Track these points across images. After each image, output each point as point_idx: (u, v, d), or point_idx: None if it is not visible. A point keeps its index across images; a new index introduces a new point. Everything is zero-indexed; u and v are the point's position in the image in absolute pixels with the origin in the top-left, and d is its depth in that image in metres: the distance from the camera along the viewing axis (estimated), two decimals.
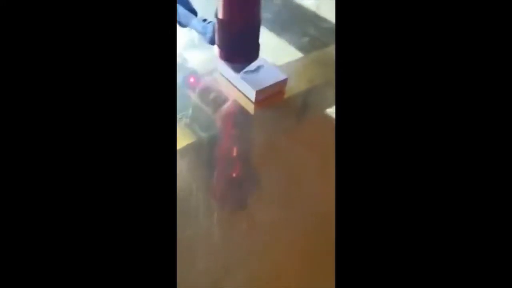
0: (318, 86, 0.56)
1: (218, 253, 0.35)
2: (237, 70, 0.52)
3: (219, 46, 0.51)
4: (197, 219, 0.37)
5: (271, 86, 0.51)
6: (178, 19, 0.54)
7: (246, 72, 0.52)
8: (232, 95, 0.52)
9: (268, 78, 0.51)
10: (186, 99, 0.52)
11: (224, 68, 0.54)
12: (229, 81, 0.54)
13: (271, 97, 0.52)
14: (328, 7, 0.76)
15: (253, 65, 0.52)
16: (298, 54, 0.64)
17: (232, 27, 0.48)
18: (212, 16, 0.51)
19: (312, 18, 0.76)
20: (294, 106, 0.53)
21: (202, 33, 0.53)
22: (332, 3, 0.74)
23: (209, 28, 0.52)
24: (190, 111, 0.50)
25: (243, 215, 0.39)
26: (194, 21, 0.53)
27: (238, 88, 0.52)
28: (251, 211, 0.39)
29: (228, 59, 0.52)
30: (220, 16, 0.47)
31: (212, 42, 0.52)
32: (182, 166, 0.43)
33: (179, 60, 0.59)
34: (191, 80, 0.54)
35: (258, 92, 0.50)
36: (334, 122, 0.46)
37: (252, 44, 0.51)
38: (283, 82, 0.52)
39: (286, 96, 0.53)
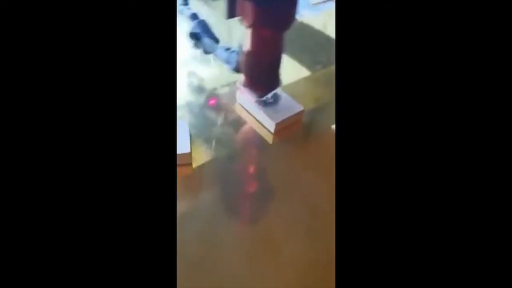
0: (324, 105, 0.59)
1: (225, 261, 0.38)
2: (255, 101, 0.54)
3: (244, 74, 0.52)
4: (211, 230, 0.40)
5: (289, 118, 0.53)
6: (203, 47, 0.55)
7: (264, 103, 0.54)
8: (251, 124, 0.54)
9: (286, 110, 0.54)
10: (207, 120, 0.54)
11: (243, 99, 0.55)
12: (248, 112, 0.55)
13: (288, 127, 0.54)
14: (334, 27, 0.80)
15: (269, 96, 0.54)
16: (305, 72, 0.66)
17: (259, 59, 0.49)
18: (228, 41, 0.52)
19: (318, 37, 0.79)
20: (302, 125, 0.56)
21: (227, 61, 0.54)
22: None
23: (234, 57, 0.53)
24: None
25: (254, 228, 0.42)
26: (219, 50, 0.54)
27: (257, 119, 0.54)
28: (262, 226, 0.42)
29: (252, 87, 0.53)
30: (247, 47, 0.48)
31: (237, 70, 0.54)
32: (201, 181, 0.46)
33: (196, 80, 0.61)
34: (212, 101, 0.56)
35: (278, 124, 0.52)
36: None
37: (276, 74, 0.52)
38: (300, 113, 0.55)
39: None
